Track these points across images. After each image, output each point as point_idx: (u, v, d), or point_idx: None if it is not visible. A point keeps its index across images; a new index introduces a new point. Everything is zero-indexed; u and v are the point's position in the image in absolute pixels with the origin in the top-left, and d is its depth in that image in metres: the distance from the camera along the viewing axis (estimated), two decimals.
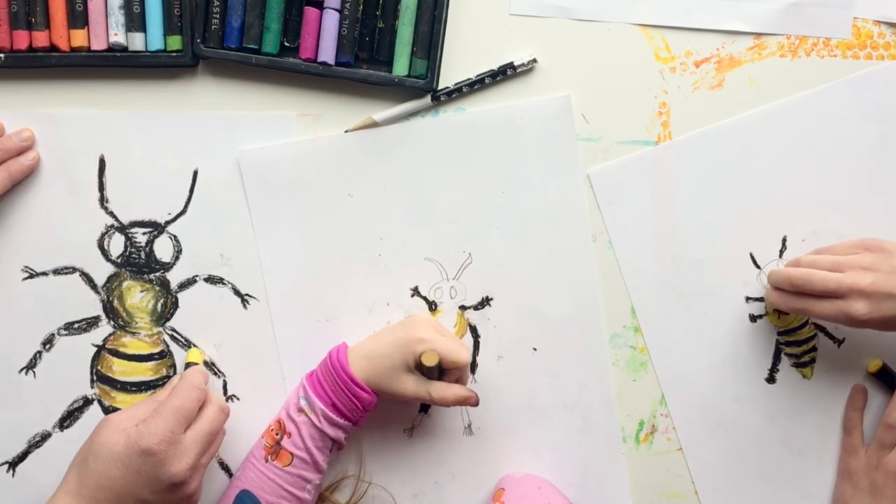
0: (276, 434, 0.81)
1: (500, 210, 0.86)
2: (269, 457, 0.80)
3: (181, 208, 0.87)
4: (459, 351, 0.79)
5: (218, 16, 0.83)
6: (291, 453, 0.80)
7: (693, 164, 0.86)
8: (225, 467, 0.88)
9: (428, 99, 0.85)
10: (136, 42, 0.84)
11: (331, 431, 0.80)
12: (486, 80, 0.85)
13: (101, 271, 0.87)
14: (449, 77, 0.85)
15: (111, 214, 0.86)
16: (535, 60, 0.85)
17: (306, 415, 0.80)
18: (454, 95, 0.85)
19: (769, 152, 0.86)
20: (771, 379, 0.88)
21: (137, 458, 0.73)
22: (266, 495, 0.79)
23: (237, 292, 0.87)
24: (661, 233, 0.86)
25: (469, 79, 0.85)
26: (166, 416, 0.75)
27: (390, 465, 0.88)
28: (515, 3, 0.85)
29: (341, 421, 0.80)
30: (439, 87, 0.84)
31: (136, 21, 0.83)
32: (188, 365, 0.85)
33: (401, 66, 0.84)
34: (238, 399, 0.88)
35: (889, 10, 0.85)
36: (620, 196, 0.86)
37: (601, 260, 0.87)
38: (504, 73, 0.85)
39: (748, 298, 0.87)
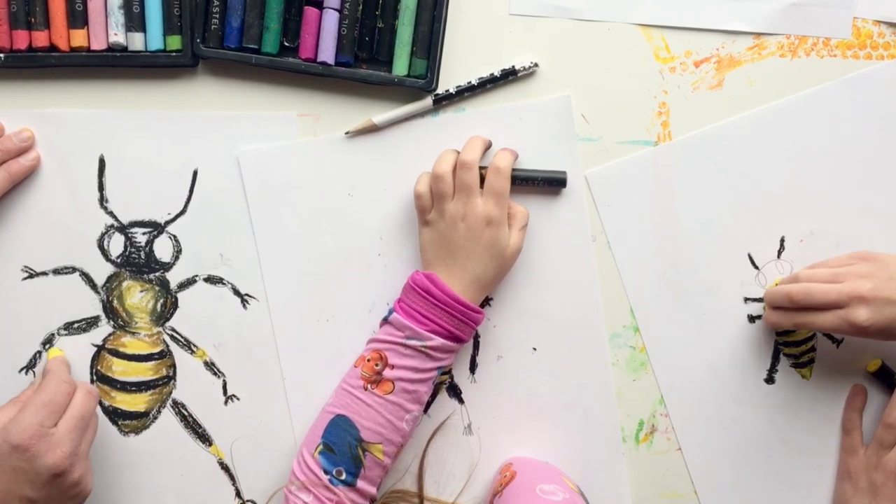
0: (377, 365, 0.80)
1: None
2: (369, 385, 0.79)
3: (181, 208, 0.87)
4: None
5: (218, 16, 0.83)
6: (393, 382, 0.79)
7: (691, 165, 0.86)
8: (224, 467, 0.88)
9: (429, 101, 0.85)
10: (136, 42, 0.84)
11: (445, 357, 0.80)
12: (488, 86, 0.85)
13: (101, 271, 0.87)
14: (448, 77, 0.85)
15: (111, 214, 0.86)
16: (536, 65, 0.85)
17: (418, 350, 0.79)
18: (455, 98, 0.85)
19: (768, 152, 0.86)
20: (770, 379, 0.88)
21: (10, 456, 0.72)
22: (363, 421, 0.79)
23: (237, 292, 0.87)
24: (659, 233, 0.86)
25: (470, 83, 0.85)
26: (35, 411, 0.74)
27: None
28: (515, 3, 0.85)
29: (454, 345, 0.80)
30: (438, 87, 0.84)
31: (135, 21, 0.83)
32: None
33: (400, 66, 0.84)
34: (238, 399, 0.88)
35: (889, 10, 0.85)
36: (618, 197, 0.86)
37: (601, 260, 0.87)
38: (506, 79, 0.84)
39: (747, 299, 0.87)
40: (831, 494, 0.88)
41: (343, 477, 0.78)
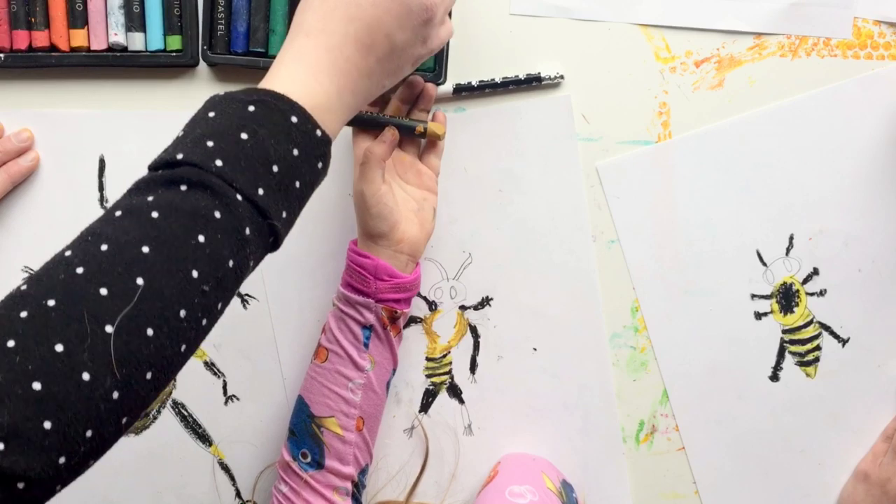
0: (322, 335, 0.80)
1: (500, 210, 0.86)
2: (313, 358, 0.80)
3: None
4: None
5: (223, 21, 0.83)
6: (326, 348, 0.79)
7: (701, 162, 0.86)
8: (224, 467, 0.88)
9: (449, 88, 0.84)
10: (136, 42, 0.84)
11: (349, 310, 0.78)
12: (511, 87, 0.84)
13: None
14: (454, 75, 0.84)
15: None
16: (562, 76, 0.84)
17: (333, 304, 0.80)
18: (475, 92, 0.84)
19: (775, 151, 0.86)
20: (774, 377, 0.87)
21: None
22: (311, 395, 0.79)
23: (237, 292, 0.87)
24: (667, 228, 0.86)
25: (493, 80, 0.84)
26: None
27: (390, 465, 0.88)
28: (515, 3, 0.85)
29: (354, 296, 0.78)
30: (445, 82, 0.84)
31: (135, 21, 0.83)
32: None
33: None
34: (238, 399, 0.88)
35: (889, 10, 0.85)
36: (628, 190, 0.86)
37: (601, 260, 0.87)
38: (529, 83, 0.84)
39: (753, 296, 0.87)
40: (831, 493, 0.88)
41: (308, 459, 0.78)
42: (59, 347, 0.48)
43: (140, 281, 0.51)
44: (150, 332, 0.51)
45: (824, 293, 0.87)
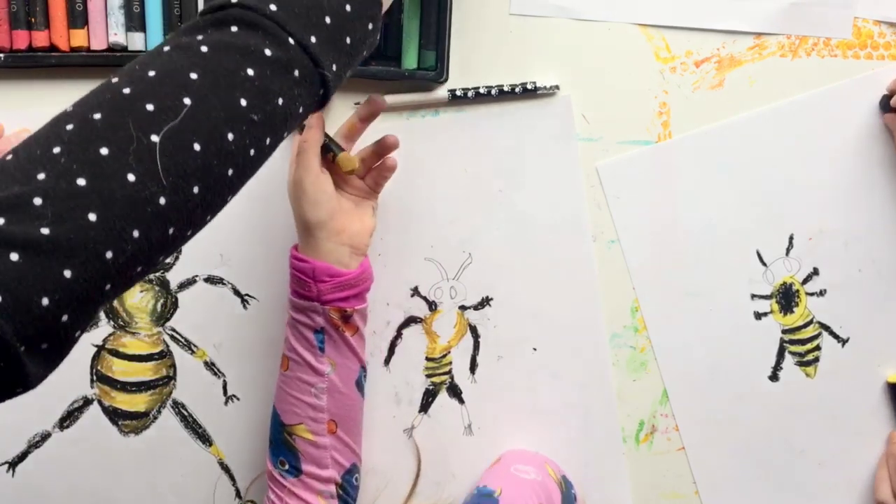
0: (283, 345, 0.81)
1: (500, 210, 0.86)
2: (279, 367, 0.81)
3: None
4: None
5: None
6: (287, 357, 0.79)
7: (701, 162, 0.86)
8: (224, 467, 0.88)
9: (444, 92, 0.84)
10: (136, 42, 0.84)
11: (298, 316, 0.78)
12: (506, 93, 0.84)
13: None
14: (454, 76, 0.84)
15: None
16: (557, 87, 0.84)
17: (287, 312, 0.80)
18: (470, 95, 0.84)
19: (775, 151, 0.86)
20: (774, 377, 0.88)
21: None
22: (280, 404, 0.79)
23: (237, 292, 0.87)
24: (667, 228, 0.86)
25: (489, 89, 0.84)
26: None
27: (390, 465, 0.88)
28: (515, 3, 0.85)
29: (300, 301, 0.77)
30: (449, 79, 0.83)
31: (136, 21, 0.83)
32: None
33: (410, 60, 0.83)
34: (238, 399, 0.88)
35: (889, 10, 0.85)
36: (628, 190, 0.86)
37: (601, 259, 0.87)
38: (524, 91, 0.84)
39: (754, 296, 0.87)
40: (832, 493, 0.88)
41: (287, 467, 0.78)
42: (104, 150, 0.48)
43: (187, 101, 0.51)
44: (196, 146, 0.51)
45: (824, 293, 0.87)
